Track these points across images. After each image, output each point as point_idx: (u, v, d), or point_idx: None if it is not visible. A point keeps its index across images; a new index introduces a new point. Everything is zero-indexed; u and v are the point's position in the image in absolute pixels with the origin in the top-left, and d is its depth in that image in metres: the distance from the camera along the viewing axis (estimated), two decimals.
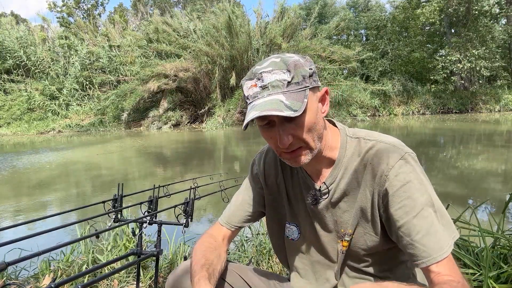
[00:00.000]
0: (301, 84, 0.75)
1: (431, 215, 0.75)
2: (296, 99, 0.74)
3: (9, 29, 21.29)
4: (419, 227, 0.74)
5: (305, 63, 0.78)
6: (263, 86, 0.76)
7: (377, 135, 0.85)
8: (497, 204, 3.84)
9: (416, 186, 0.76)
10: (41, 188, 5.77)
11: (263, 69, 0.76)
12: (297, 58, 0.78)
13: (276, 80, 0.75)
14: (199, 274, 0.81)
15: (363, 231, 0.86)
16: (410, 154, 0.80)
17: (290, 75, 0.75)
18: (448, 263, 0.73)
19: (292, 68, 0.75)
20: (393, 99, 19.27)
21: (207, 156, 8.81)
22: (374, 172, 0.81)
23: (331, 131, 0.89)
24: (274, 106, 0.72)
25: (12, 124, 18.96)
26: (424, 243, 0.73)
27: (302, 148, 0.80)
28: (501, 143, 8.80)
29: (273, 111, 0.71)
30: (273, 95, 0.74)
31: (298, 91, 0.75)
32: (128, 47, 20.26)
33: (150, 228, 1.45)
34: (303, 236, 0.97)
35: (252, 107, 0.76)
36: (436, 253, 0.72)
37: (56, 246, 1.04)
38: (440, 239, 0.74)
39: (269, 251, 2.22)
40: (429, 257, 0.72)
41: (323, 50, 18.83)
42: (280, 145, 0.78)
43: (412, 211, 0.75)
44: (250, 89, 0.78)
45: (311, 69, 0.78)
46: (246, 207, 1.03)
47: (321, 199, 0.89)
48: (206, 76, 17.13)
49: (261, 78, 0.76)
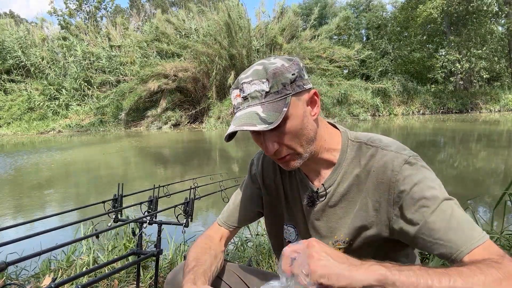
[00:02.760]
0: (280, 93, 0.75)
1: (452, 208, 0.71)
2: (273, 110, 0.74)
3: (9, 29, 21.30)
4: (440, 223, 0.70)
5: (289, 67, 0.77)
6: (244, 97, 0.78)
7: (379, 141, 0.84)
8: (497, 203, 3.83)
9: (427, 184, 0.74)
10: (41, 188, 5.77)
11: (244, 80, 0.78)
12: (280, 64, 0.77)
13: (255, 91, 0.76)
14: (185, 277, 0.82)
15: (363, 239, 0.84)
16: (413, 157, 0.79)
17: (268, 84, 0.75)
18: (485, 250, 0.66)
19: (271, 77, 0.75)
20: (393, 99, 19.28)
21: (207, 156, 8.82)
22: (379, 180, 0.79)
23: (331, 132, 0.88)
24: (249, 120, 0.74)
25: (12, 124, 18.97)
26: (449, 238, 0.69)
27: (290, 154, 0.80)
28: (501, 143, 8.80)
29: (246, 126, 0.73)
30: (252, 107, 0.76)
31: (278, 100, 0.75)
32: (129, 48, 20.27)
33: (150, 228, 1.46)
34: (301, 238, 0.96)
35: (234, 119, 0.78)
36: (465, 244, 0.67)
37: (56, 246, 1.05)
38: (466, 229, 0.69)
39: (269, 251, 2.22)
40: (458, 251, 0.67)
41: (324, 51, 18.88)
42: (266, 153, 0.80)
43: (429, 210, 0.71)
44: (235, 99, 0.80)
45: (293, 75, 0.77)
46: (244, 207, 1.03)
47: (318, 201, 0.88)
48: (206, 76, 17.14)
49: (242, 89, 0.78)
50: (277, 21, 19.93)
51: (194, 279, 0.81)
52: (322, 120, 0.87)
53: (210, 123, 15.75)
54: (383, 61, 22.37)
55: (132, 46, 20.22)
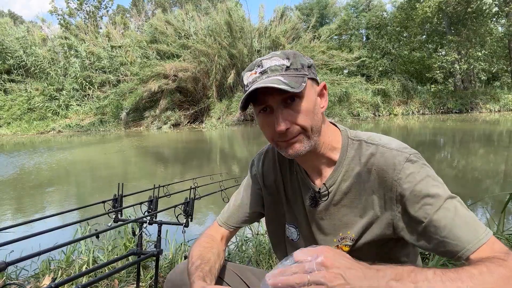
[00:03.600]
0: (299, 71, 0.78)
1: (456, 206, 0.71)
2: (294, 81, 0.75)
3: (8, 29, 21.30)
4: (445, 221, 0.70)
5: (304, 56, 0.82)
6: (262, 72, 0.78)
7: (379, 139, 0.84)
8: (497, 204, 3.84)
9: (429, 182, 0.74)
10: (41, 187, 5.77)
11: (263, 58, 0.80)
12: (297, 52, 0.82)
13: (275, 65, 0.77)
14: (193, 275, 0.82)
15: (368, 236, 0.84)
16: (415, 155, 0.79)
17: (289, 61, 0.78)
18: (490, 247, 0.67)
19: (291, 56, 0.78)
20: (393, 99, 19.29)
21: (207, 156, 8.82)
22: (380, 178, 0.79)
23: (332, 130, 0.88)
24: (274, 81, 0.74)
25: (12, 124, 18.97)
26: (455, 236, 0.68)
27: (299, 135, 0.79)
28: (501, 143, 8.80)
29: (271, 84, 0.73)
30: (272, 77, 0.76)
31: (297, 76, 0.77)
32: (129, 48, 20.27)
33: (150, 228, 1.46)
34: (303, 237, 0.96)
35: (251, 84, 0.78)
36: (471, 242, 0.67)
37: (56, 246, 1.05)
38: (472, 227, 0.69)
39: (269, 251, 2.22)
40: (464, 249, 0.67)
41: (323, 53, 18.97)
42: (277, 129, 0.77)
43: (433, 207, 0.71)
44: (249, 77, 0.80)
45: (310, 62, 0.81)
46: (245, 208, 1.03)
47: (321, 201, 0.88)
48: (206, 75, 17.15)
49: (261, 64, 0.78)
50: (278, 23, 20.02)
51: (203, 276, 0.81)
52: (325, 118, 0.87)
53: (210, 123, 15.75)
54: (383, 61, 22.37)
55: (132, 46, 20.22)
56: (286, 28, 19.55)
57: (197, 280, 0.79)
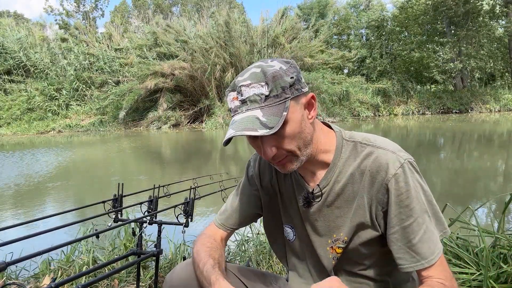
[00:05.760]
0: (280, 97, 0.75)
1: (426, 222, 0.78)
2: (273, 114, 0.73)
3: (9, 30, 21.31)
4: (413, 234, 0.77)
5: (287, 70, 0.77)
6: (242, 101, 0.76)
7: (374, 140, 0.84)
8: (497, 204, 3.84)
9: (413, 195, 0.77)
10: (41, 187, 5.77)
11: (242, 82, 0.76)
12: (278, 67, 0.76)
13: (254, 95, 0.75)
14: (215, 273, 0.82)
15: (360, 238, 0.85)
16: (409, 161, 0.79)
17: (268, 88, 0.74)
18: (439, 266, 0.77)
19: (271, 80, 0.74)
20: (393, 98, 19.29)
21: (207, 156, 8.81)
22: (373, 180, 0.80)
23: (326, 134, 0.88)
24: (249, 125, 0.73)
25: (12, 124, 18.95)
26: (417, 251, 0.77)
27: (287, 157, 0.80)
28: (500, 143, 8.80)
29: (247, 131, 0.72)
30: (251, 110, 0.75)
31: (277, 104, 0.74)
32: (128, 50, 20.29)
33: (150, 228, 1.46)
34: (298, 238, 0.97)
35: (232, 123, 0.77)
36: (426, 258, 0.76)
37: (56, 246, 1.04)
38: (431, 245, 0.77)
39: (269, 251, 2.22)
40: (418, 263, 0.77)
41: (322, 52, 18.98)
42: (264, 157, 0.79)
43: (407, 220, 0.77)
44: (232, 102, 0.79)
45: (292, 78, 0.76)
46: (243, 209, 1.03)
47: (314, 202, 0.88)
48: (204, 74, 17.13)
49: (240, 92, 0.76)
50: (278, 23, 20.04)
51: (224, 276, 0.82)
52: (318, 122, 0.87)
53: (210, 123, 15.74)
54: (382, 61, 22.36)
55: (132, 48, 20.26)
56: (285, 28, 19.55)
57: (220, 279, 0.80)
